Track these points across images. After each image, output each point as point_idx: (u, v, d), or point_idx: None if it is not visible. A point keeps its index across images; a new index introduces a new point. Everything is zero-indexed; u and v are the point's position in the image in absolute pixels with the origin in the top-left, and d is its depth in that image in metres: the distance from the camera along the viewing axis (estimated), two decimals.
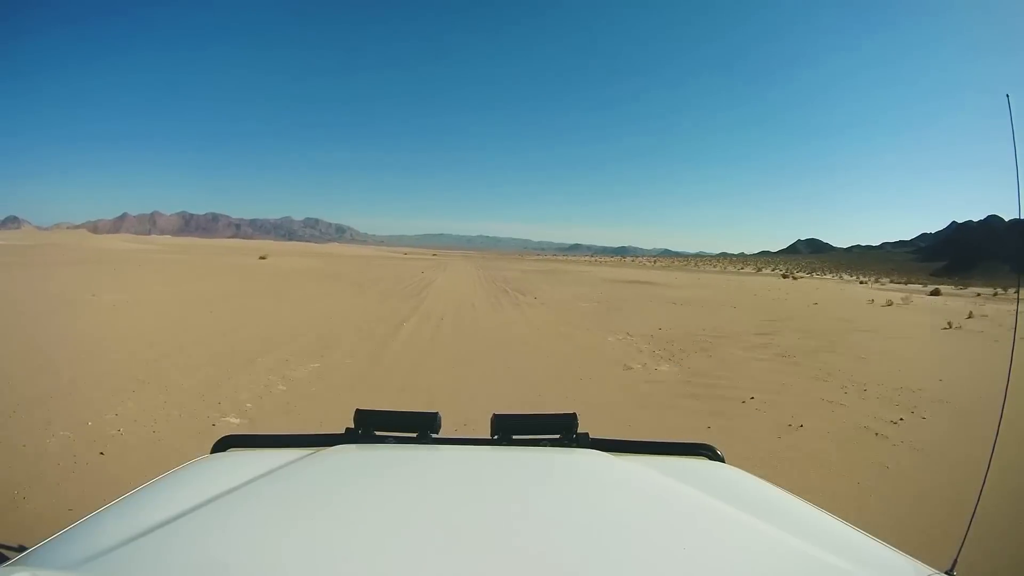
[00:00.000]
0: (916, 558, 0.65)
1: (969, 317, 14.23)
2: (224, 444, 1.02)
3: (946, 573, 0.61)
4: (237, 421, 4.23)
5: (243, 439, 1.05)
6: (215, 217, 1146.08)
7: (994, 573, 2.43)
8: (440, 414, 1.06)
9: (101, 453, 3.47)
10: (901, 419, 4.90)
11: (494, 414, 1.05)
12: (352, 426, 1.04)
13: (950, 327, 11.87)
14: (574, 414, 1.02)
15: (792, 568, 0.61)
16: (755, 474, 0.92)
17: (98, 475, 3.17)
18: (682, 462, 0.99)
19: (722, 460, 1.01)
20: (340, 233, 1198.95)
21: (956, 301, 22.54)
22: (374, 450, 0.98)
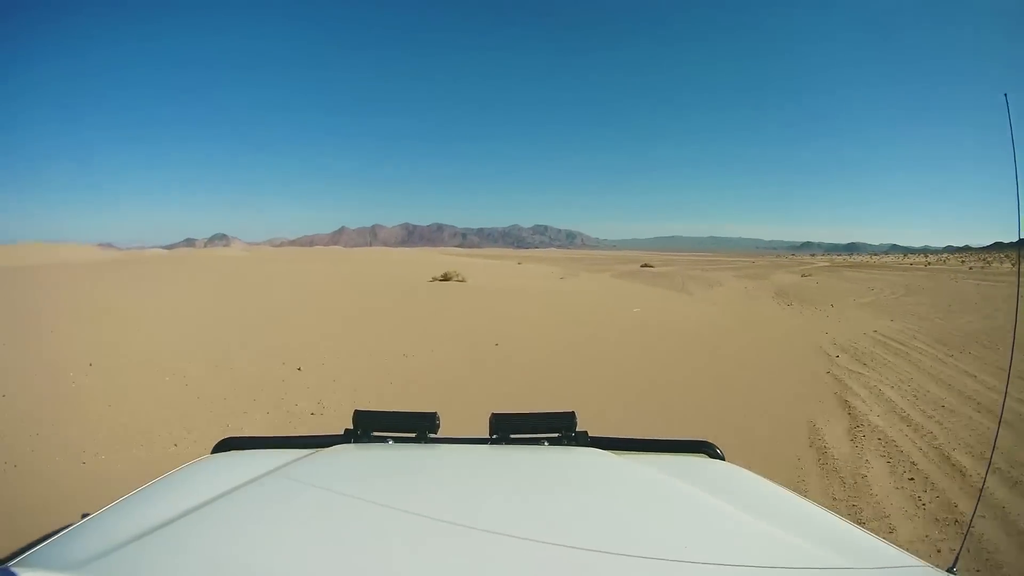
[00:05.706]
0: (917, 556, 0.64)
1: None
2: (224, 445, 1.00)
3: (947, 572, 0.59)
4: None
5: (243, 440, 1.03)
6: (439, 227, 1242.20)
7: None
8: (439, 414, 1.03)
9: None
10: None
11: (492, 413, 1.02)
12: (351, 427, 1.01)
13: None
14: (573, 413, 1.00)
15: (792, 565, 0.60)
16: (755, 472, 0.91)
17: None
18: (682, 460, 0.96)
19: (722, 458, 0.97)
20: (571, 239, 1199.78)
21: None
22: (372, 450, 0.97)
